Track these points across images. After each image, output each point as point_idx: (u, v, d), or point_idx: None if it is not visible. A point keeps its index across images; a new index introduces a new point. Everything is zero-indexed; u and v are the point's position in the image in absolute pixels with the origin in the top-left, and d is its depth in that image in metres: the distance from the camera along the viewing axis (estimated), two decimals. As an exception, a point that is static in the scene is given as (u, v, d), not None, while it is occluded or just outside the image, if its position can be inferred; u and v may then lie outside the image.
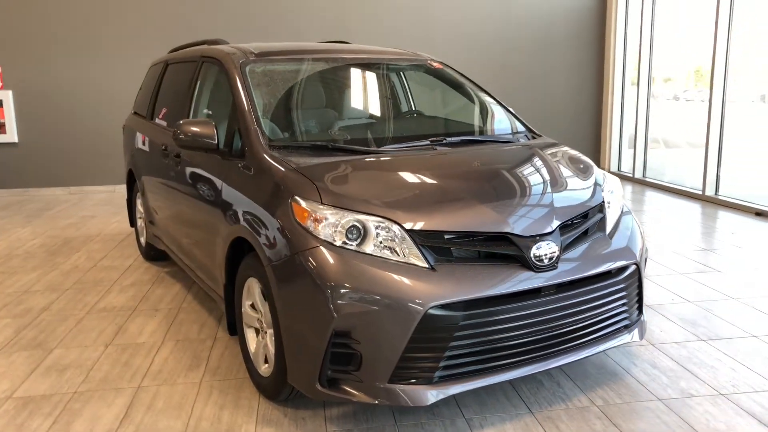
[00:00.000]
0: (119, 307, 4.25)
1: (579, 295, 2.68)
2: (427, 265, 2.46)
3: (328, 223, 2.52)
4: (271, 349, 2.83)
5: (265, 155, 2.95)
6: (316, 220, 2.54)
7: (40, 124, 8.89)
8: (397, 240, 2.49)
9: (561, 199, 2.82)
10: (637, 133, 9.00)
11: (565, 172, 3.07)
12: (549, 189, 2.85)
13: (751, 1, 7.26)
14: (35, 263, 5.34)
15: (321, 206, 2.56)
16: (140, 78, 8.91)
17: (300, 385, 2.59)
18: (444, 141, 3.29)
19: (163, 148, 4.18)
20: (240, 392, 3.05)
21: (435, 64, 4.04)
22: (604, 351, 2.85)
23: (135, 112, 5.53)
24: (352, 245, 2.49)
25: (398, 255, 2.47)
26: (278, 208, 2.67)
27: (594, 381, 3.05)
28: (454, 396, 2.73)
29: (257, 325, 3.01)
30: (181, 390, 3.08)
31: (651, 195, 7.97)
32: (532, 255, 2.56)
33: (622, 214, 3.11)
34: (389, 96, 4.08)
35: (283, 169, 2.81)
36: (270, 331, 2.87)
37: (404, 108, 4.04)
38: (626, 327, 2.95)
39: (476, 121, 3.81)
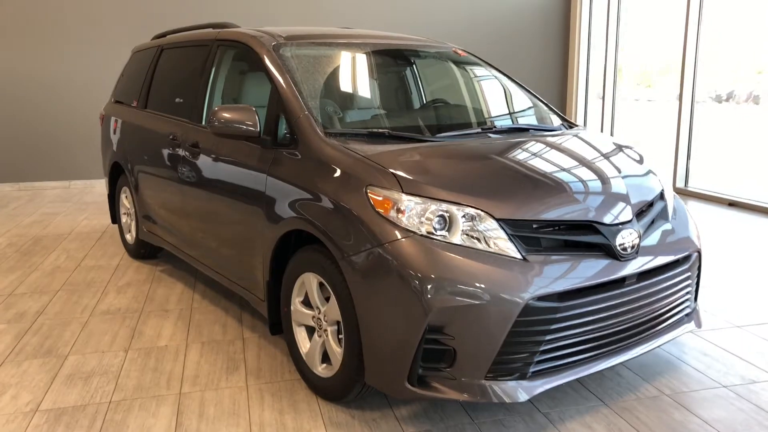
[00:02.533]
0: (124, 309, 3.94)
1: (656, 284, 2.65)
2: (519, 256, 2.36)
3: (413, 213, 2.38)
4: (336, 347, 2.67)
5: (324, 144, 2.77)
6: (400, 210, 2.40)
7: (-15, 115, 8.26)
8: (486, 230, 2.38)
9: (632, 187, 2.78)
10: (603, 130, 9.21)
11: (625, 160, 3.05)
12: (620, 177, 2.81)
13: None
14: (10, 264, 4.91)
15: (403, 195, 2.42)
16: (97, 67, 8.47)
17: (383, 384, 2.44)
18: (494, 129, 3.20)
19: (171, 137, 3.91)
20: (294, 395, 2.86)
21: (460, 52, 3.95)
22: (673, 339, 2.84)
23: (117, 101, 5.18)
24: (438, 235, 2.36)
25: (488, 245, 2.36)
26: (351, 199, 2.51)
27: (652, 370, 3.04)
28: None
29: (311, 323, 2.84)
30: (229, 395, 2.87)
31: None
32: (617, 243, 2.51)
33: (675, 200, 3.12)
34: (420, 83, 3.95)
35: (350, 158, 2.64)
36: (332, 329, 2.71)
37: (434, 96, 3.93)
38: (687, 315, 2.95)
39: (511, 109, 3.74)
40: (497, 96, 3.74)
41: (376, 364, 2.44)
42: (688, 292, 2.89)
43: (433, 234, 2.36)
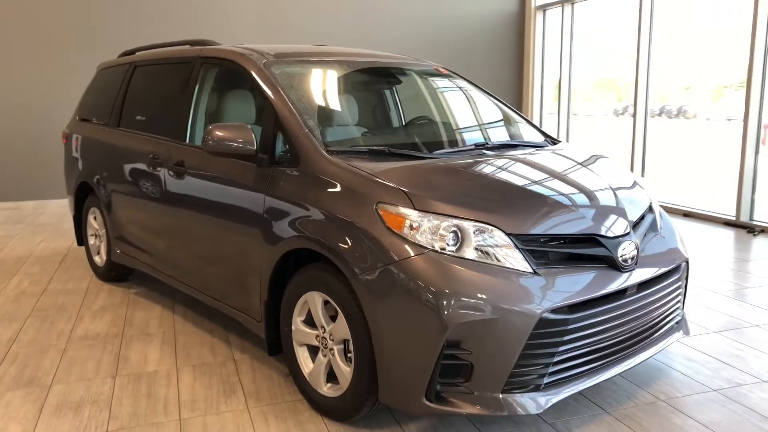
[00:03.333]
0: (103, 334, 3.81)
1: (653, 294, 2.75)
2: (530, 269, 2.41)
3: (427, 230, 2.41)
4: (344, 366, 2.66)
5: (327, 162, 2.77)
6: (413, 227, 2.42)
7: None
8: (498, 244, 2.42)
9: (626, 200, 2.88)
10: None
11: (615, 174, 3.16)
12: (614, 190, 2.91)
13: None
14: (-30, 290, 4.67)
15: (416, 212, 2.44)
16: (48, 86, 8.18)
17: (400, 402, 2.44)
18: (487, 145, 3.27)
19: (153, 156, 3.82)
20: (298, 416, 2.82)
21: (442, 70, 4.02)
22: (668, 346, 2.94)
23: (83, 119, 5.02)
24: (452, 251, 2.39)
25: (499, 260, 2.41)
26: (362, 217, 2.51)
27: (645, 377, 3.14)
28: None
29: (315, 343, 2.81)
30: (232, 419, 2.81)
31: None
32: (618, 255, 2.60)
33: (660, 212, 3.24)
34: (410, 101, 3.99)
35: (357, 176, 2.64)
36: (338, 348, 2.69)
37: (424, 113, 3.97)
38: (677, 323, 3.07)
39: (498, 126, 3.82)
40: (482, 113, 3.82)
41: (392, 382, 2.43)
42: (678, 301, 3.01)
43: (446, 250, 2.39)
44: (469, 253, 2.40)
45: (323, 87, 3.43)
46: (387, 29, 9.49)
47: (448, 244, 2.40)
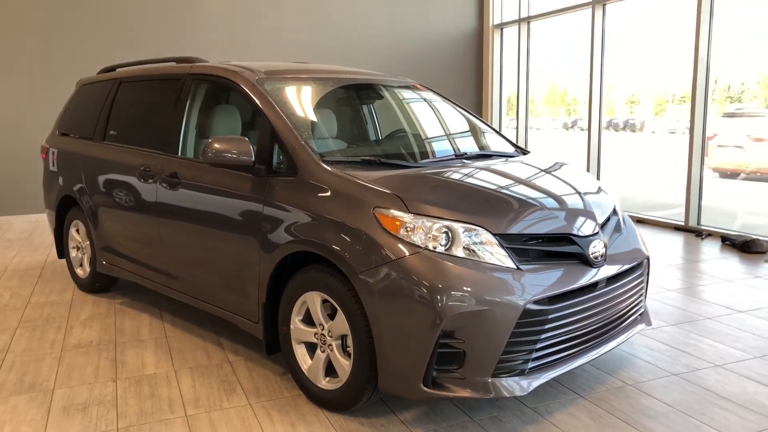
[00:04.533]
0: (96, 342, 3.92)
1: (620, 288, 3.05)
2: (514, 265, 2.68)
3: (421, 231, 2.65)
4: (343, 360, 2.87)
5: (324, 171, 2.99)
6: (408, 229, 2.66)
7: None
8: (485, 243, 2.68)
9: (594, 203, 3.19)
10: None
11: (582, 180, 3.47)
12: (583, 194, 3.22)
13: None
14: (-49, 304, 4.69)
15: (410, 215, 2.69)
16: (6, 102, 8.13)
17: (399, 389, 2.66)
18: (466, 155, 3.55)
19: (144, 169, 3.97)
20: (299, 409, 3.02)
21: (418, 86, 4.29)
22: (632, 336, 3.25)
23: (63, 133, 5.11)
24: (444, 250, 2.64)
25: (486, 257, 2.67)
26: (360, 221, 2.74)
27: (612, 365, 3.44)
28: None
29: (313, 340, 3.02)
30: (236, 414, 2.98)
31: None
32: (590, 252, 2.90)
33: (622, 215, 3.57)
34: (387, 115, 4.24)
35: (354, 184, 2.88)
36: (337, 343, 2.90)
37: (397, 126, 4.23)
38: (641, 315, 3.39)
39: (474, 138, 4.10)
40: (458, 126, 4.10)
41: (392, 371, 2.66)
42: (641, 295, 3.33)
43: (439, 249, 2.64)
44: (459, 251, 2.65)
45: (313, 102, 3.66)
46: (346, 46, 9.75)
47: (440, 244, 2.65)
